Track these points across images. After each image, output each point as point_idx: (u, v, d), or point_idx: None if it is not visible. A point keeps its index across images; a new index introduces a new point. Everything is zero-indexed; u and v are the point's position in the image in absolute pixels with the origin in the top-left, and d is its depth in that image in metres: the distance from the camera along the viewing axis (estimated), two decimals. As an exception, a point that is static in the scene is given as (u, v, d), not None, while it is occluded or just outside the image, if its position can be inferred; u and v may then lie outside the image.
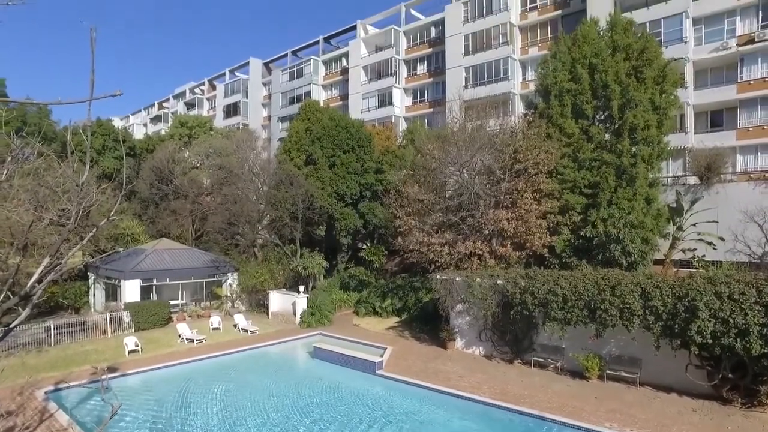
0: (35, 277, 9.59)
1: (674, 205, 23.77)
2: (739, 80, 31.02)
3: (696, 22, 32.68)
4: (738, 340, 13.73)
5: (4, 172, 12.93)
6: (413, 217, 25.31)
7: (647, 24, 31.53)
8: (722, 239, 23.00)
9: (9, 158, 13.27)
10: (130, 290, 27.10)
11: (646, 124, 22.75)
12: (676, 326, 14.88)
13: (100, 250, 29.42)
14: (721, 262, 22.72)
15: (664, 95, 23.53)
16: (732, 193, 25.38)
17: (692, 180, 27.80)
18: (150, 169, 41.49)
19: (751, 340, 13.46)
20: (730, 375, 14.63)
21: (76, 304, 30.33)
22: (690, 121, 32.07)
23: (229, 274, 31.81)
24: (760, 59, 30.48)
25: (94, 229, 12.14)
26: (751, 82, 30.54)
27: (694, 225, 23.80)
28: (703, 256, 23.11)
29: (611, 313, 16.16)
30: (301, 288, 28.16)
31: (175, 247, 32.38)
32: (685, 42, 31.85)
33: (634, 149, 23.00)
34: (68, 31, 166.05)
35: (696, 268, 22.02)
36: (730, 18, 31.60)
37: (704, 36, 32.48)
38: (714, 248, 23.02)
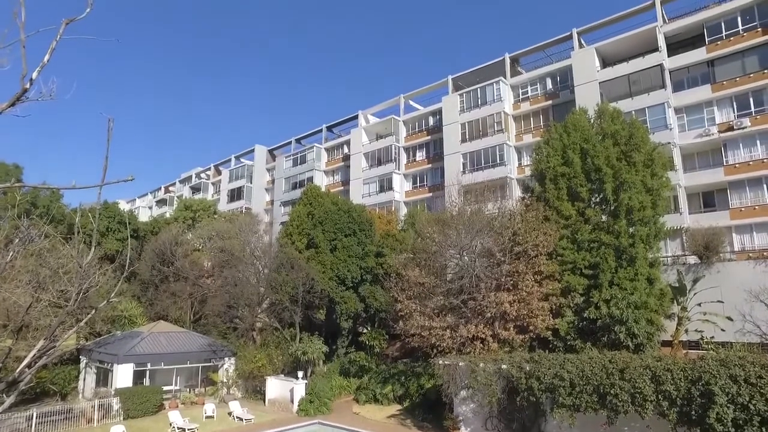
0: (26, 361, 9.34)
1: (676, 285, 23.63)
2: (725, 163, 32.22)
3: (678, 111, 34.65)
4: (764, 429, 12.97)
5: (9, 254, 13.11)
6: (414, 301, 25.03)
7: (633, 112, 33.24)
8: (730, 319, 22.57)
9: (17, 240, 13.54)
10: (123, 375, 26.10)
11: (641, 206, 23.25)
12: (693, 413, 14.19)
13: (95, 332, 28.78)
14: (731, 343, 22.08)
15: (655, 177, 24.31)
16: (733, 272, 25.31)
17: (692, 259, 27.86)
18: (152, 250, 41.73)
19: (778, 430, 12.75)
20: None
21: (63, 390, 29.02)
22: (683, 202, 32.82)
23: (226, 359, 30.83)
24: (741, 144, 31.93)
25: (92, 311, 12.04)
26: (737, 165, 31.71)
27: (699, 305, 23.46)
28: (712, 337, 22.53)
29: (622, 398, 15.49)
30: (300, 374, 27.16)
31: (171, 330, 31.69)
32: (670, 129, 33.50)
33: (631, 230, 23.31)
34: (82, 116, 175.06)
35: (706, 350, 21.37)
36: (709, 108, 33.57)
37: (687, 123, 34.27)
38: (722, 330, 22.53)
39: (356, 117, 58.91)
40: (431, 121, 51.33)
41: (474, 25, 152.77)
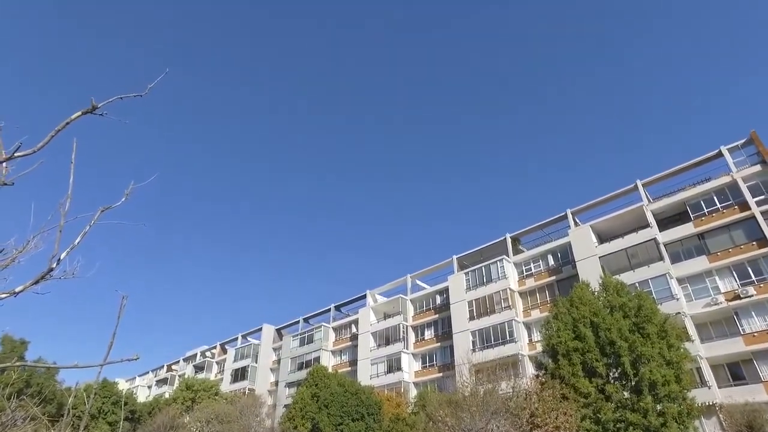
0: None
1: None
2: (742, 333, 31.04)
3: (681, 281, 34.74)
4: None
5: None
6: (429, 497, 22.11)
7: (636, 284, 33.55)
8: None
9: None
10: None
11: (664, 380, 21.98)
12: None
13: None
14: None
15: (672, 349, 23.44)
16: (788, 458, 22.53)
17: (735, 442, 25.11)
18: (145, 436, 38.47)
19: None
20: None
21: None
22: (709, 374, 30.77)
23: None
24: (753, 312, 31.19)
25: None
26: (755, 334, 30.51)
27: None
28: None
29: None
30: None
31: None
32: (677, 299, 33.20)
33: (659, 407, 21.63)
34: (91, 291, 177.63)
35: None
36: (710, 277, 33.71)
37: (693, 293, 33.99)
38: None
39: (364, 296, 59.51)
40: (438, 299, 51.66)
41: (472, 207, 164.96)
